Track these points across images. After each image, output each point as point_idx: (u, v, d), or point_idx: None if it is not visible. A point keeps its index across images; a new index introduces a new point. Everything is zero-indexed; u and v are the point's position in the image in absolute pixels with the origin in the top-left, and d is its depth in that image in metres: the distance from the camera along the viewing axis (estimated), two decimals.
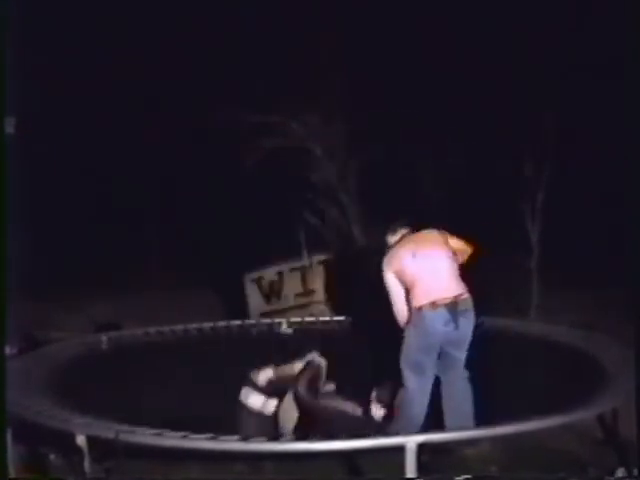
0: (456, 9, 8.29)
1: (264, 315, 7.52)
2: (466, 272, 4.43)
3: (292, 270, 7.79)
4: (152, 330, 6.35)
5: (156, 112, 9.59)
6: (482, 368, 5.01)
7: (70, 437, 3.72)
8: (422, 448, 3.46)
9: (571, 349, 5.23)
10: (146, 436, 3.62)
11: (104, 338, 6.17)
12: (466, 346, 4.29)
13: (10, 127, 5.19)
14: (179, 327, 6.41)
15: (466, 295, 4.26)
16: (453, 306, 4.18)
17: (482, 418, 3.93)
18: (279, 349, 5.62)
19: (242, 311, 7.75)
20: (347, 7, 8.53)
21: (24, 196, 5.43)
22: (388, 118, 8.34)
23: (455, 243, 4.49)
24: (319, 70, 8.68)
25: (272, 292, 7.85)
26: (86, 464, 3.71)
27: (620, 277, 5.50)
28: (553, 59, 7.51)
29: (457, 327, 4.18)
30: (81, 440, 3.69)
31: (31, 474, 4.12)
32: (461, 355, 4.29)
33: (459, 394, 4.25)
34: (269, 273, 7.90)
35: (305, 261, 7.84)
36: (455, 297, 4.20)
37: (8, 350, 4.78)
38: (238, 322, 6.57)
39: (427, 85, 8.36)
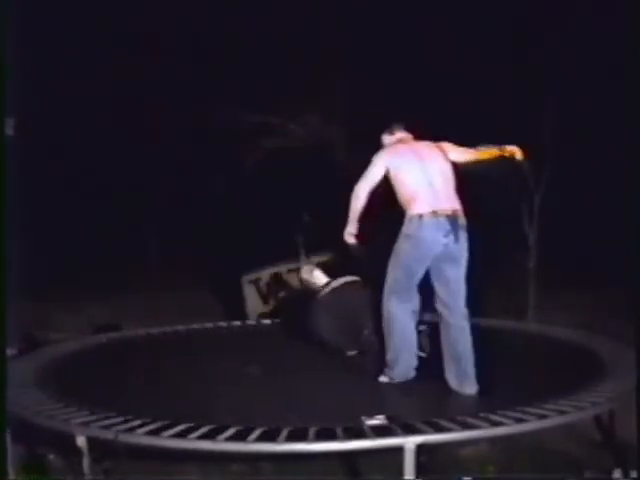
0: (456, 9, 8.28)
1: (262, 316, 7.51)
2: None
3: (289, 271, 7.77)
4: (153, 330, 6.37)
5: (156, 112, 9.60)
6: (479, 368, 5.03)
7: (70, 438, 3.73)
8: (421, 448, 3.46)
9: (569, 350, 5.24)
10: (146, 437, 3.62)
11: (104, 339, 6.18)
12: (463, 267, 4.09)
13: (10, 129, 5.20)
14: (180, 327, 6.43)
15: (462, 212, 4.11)
16: (454, 218, 4.03)
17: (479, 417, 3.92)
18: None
19: (242, 312, 7.75)
20: (347, 7, 8.54)
21: (24, 196, 5.44)
22: (388, 118, 8.33)
23: (457, 156, 4.33)
24: (319, 70, 8.69)
25: (270, 293, 7.83)
26: (85, 465, 3.71)
27: (620, 277, 5.51)
28: (553, 58, 7.51)
29: (457, 240, 4.02)
30: (81, 441, 3.69)
31: (30, 474, 4.13)
32: (460, 278, 4.09)
33: (460, 338, 4.11)
34: (266, 274, 7.88)
35: (303, 262, 7.83)
36: (454, 210, 4.06)
37: (8, 351, 4.78)
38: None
39: (427, 85, 8.36)
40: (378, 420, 3.66)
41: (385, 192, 4.24)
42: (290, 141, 8.53)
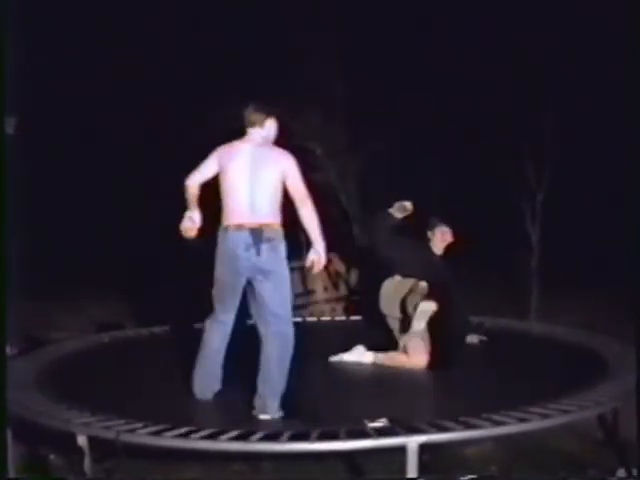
0: (456, 9, 8.29)
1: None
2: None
3: (292, 270, 7.74)
4: (155, 329, 6.36)
5: (156, 112, 9.59)
6: (483, 367, 5.03)
7: (70, 437, 3.72)
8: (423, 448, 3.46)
9: (572, 349, 5.24)
10: (147, 436, 3.62)
11: (105, 338, 6.17)
12: (274, 281, 4.02)
13: (10, 128, 5.19)
14: (181, 326, 6.41)
15: (276, 226, 4.01)
16: (258, 232, 3.95)
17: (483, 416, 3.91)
18: None
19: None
20: (347, 7, 8.54)
21: (24, 196, 5.43)
22: (388, 118, 8.34)
23: (290, 187, 4.03)
24: (319, 70, 8.69)
25: None
26: (86, 464, 3.71)
27: (623, 277, 5.51)
28: (553, 59, 7.51)
29: (258, 253, 3.95)
30: (82, 440, 3.69)
31: (31, 474, 4.12)
32: (268, 294, 4.00)
33: (267, 350, 4.00)
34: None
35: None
36: (262, 224, 3.96)
37: (9, 350, 4.78)
38: None
39: (427, 85, 8.36)
40: (381, 423, 3.65)
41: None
42: (290, 141, 8.51)
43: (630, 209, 4.57)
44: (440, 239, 5.32)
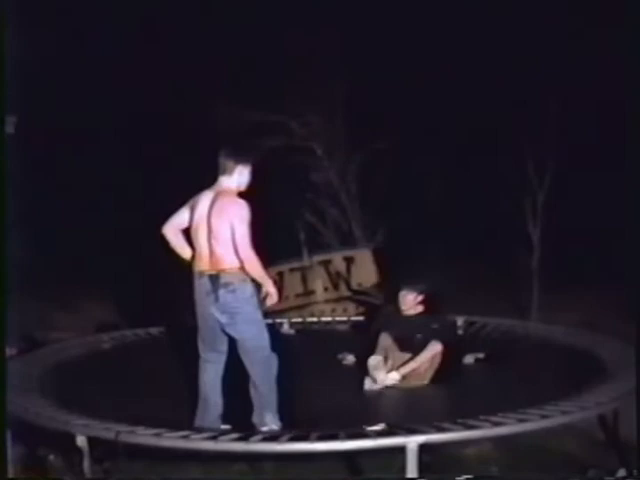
0: (456, 8, 8.29)
1: (264, 315, 7.49)
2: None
3: (292, 270, 7.76)
4: (154, 330, 6.36)
5: (156, 112, 9.59)
6: (483, 367, 5.03)
7: (70, 438, 3.72)
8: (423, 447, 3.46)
9: (572, 349, 5.24)
10: (146, 437, 3.62)
11: (105, 338, 6.17)
12: (241, 321, 4.06)
13: (10, 127, 5.19)
14: (180, 326, 6.41)
15: (234, 269, 4.03)
16: (215, 278, 4.02)
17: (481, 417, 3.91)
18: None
19: None
20: (348, 7, 8.54)
21: (24, 196, 5.43)
22: (388, 118, 8.34)
23: (237, 240, 4.00)
24: (319, 70, 8.69)
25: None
26: (85, 465, 3.71)
27: (620, 277, 5.51)
28: (554, 57, 7.51)
29: (217, 299, 4.02)
30: (82, 441, 3.69)
31: (30, 474, 4.12)
32: (239, 333, 4.08)
33: (253, 374, 4.06)
34: (269, 273, 7.86)
35: (305, 261, 7.82)
36: (220, 269, 4.02)
37: (8, 351, 4.77)
38: None
39: (427, 85, 8.36)
40: (379, 427, 3.66)
41: None
42: (291, 141, 8.52)
43: (630, 209, 4.57)
44: (402, 302, 5.53)
